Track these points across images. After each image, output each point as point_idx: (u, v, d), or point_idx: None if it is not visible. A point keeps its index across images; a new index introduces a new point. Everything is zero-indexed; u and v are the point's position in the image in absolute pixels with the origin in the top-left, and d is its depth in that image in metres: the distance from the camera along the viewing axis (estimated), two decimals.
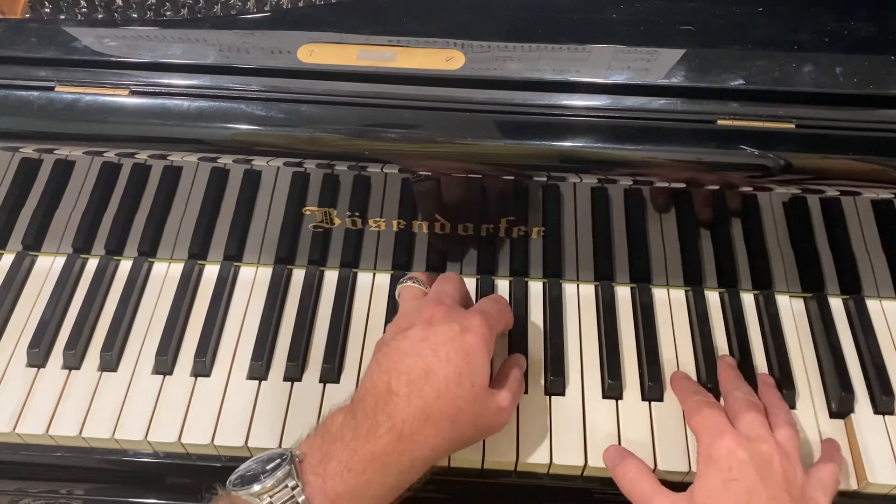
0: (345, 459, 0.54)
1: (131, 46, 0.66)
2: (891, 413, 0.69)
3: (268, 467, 0.54)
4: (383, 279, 0.77)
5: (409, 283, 0.69)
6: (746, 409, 0.62)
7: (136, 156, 0.67)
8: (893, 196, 0.65)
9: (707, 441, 0.59)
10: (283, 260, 0.77)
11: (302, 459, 0.55)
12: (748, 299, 0.76)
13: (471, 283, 0.77)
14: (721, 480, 0.57)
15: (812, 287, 0.76)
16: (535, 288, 0.77)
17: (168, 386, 0.70)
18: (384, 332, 0.64)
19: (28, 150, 0.67)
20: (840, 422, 0.69)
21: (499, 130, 0.64)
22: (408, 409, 0.56)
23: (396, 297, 0.70)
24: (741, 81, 0.64)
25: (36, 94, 0.64)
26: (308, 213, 0.71)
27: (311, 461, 0.55)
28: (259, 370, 0.70)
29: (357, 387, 0.61)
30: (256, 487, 0.53)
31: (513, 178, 0.66)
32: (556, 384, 0.69)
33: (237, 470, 0.56)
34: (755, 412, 0.62)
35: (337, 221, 0.72)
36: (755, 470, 0.56)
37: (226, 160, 0.67)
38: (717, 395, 0.68)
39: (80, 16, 0.73)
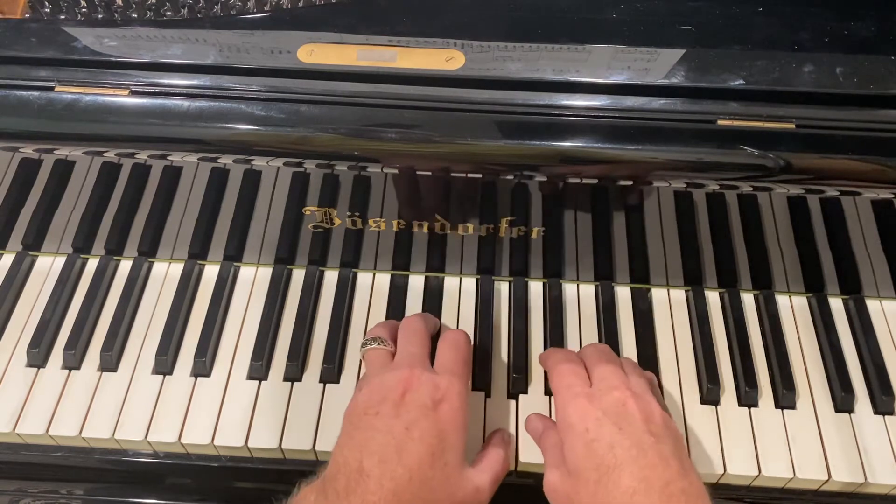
0: None
1: (131, 46, 0.66)
2: (891, 413, 0.69)
3: None
4: (383, 279, 0.77)
5: (373, 345, 0.66)
6: (599, 361, 0.62)
7: (136, 156, 0.67)
8: (893, 196, 0.65)
9: (561, 405, 0.59)
10: (283, 260, 0.77)
11: None
12: (748, 299, 0.76)
13: (471, 283, 0.77)
14: (583, 444, 0.56)
15: (812, 287, 0.76)
16: (535, 288, 0.77)
17: (168, 386, 0.70)
18: (354, 398, 0.61)
19: (28, 150, 0.67)
20: (842, 418, 0.68)
21: (499, 130, 0.64)
22: (379, 493, 0.54)
23: (361, 358, 0.68)
24: (741, 81, 0.64)
25: (36, 94, 0.64)
26: (308, 213, 0.71)
27: None
28: (259, 370, 0.70)
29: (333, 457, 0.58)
30: None
31: (513, 177, 0.66)
32: None
33: None
34: (608, 363, 0.62)
35: (337, 221, 0.72)
36: (612, 423, 0.56)
37: (226, 160, 0.66)
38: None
39: (80, 16, 0.73)
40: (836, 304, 0.76)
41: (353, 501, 0.54)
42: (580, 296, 0.76)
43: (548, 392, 0.69)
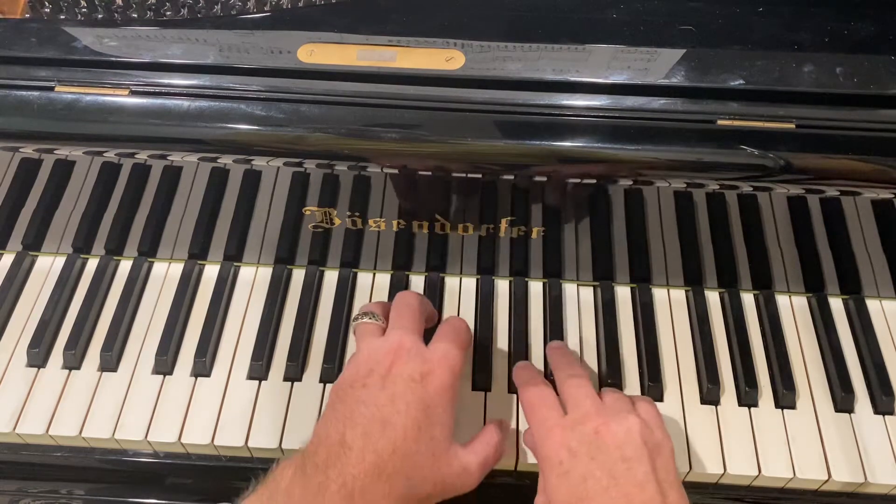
0: None
1: (131, 46, 0.66)
2: (891, 413, 0.69)
3: None
4: (383, 279, 0.77)
5: (365, 319, 0.64)
6: (567, 380, 0.61)
7: (136, 156, 0.67)
8: (893, 196, 0.65)
9: (539, 439, 0.59)
10: (283, 260, 0.77)
11: None
12: (748, 299, 0.76)
13: (471, 283, 0.77)
14: (556, 476, 0.56)
15: (812, 287, 0.76)
16: (535, 288, 0.77)
17: (168, 386, 0.70)
18: (342, 373, 0.61)
19: (28, 150, 0.67)
20: (842, 418, 0.69)
21: (499, 130, 0.64)
22: (360, 465, 0.53)
23: (352, 333, 0.66)
24: (741, 81, 0.64)
25: (36, 94, 0.64)
26: (308, 213, 0.72)
27: None
28: (259, 370, 0.70)
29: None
30: None
31: (513, 177, 0.66)
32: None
33: None
34: (577, 383, 0.61)
35: (337, 221, 0.72)
36: (585, 454, 0.56)
37: (226, 160, 0.66)
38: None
39: (80, 16, 0.73)
40: (836, 304, 0.76)
41: (331, 474, 0.53)
42: (580, 296, 0.76)
43: None
